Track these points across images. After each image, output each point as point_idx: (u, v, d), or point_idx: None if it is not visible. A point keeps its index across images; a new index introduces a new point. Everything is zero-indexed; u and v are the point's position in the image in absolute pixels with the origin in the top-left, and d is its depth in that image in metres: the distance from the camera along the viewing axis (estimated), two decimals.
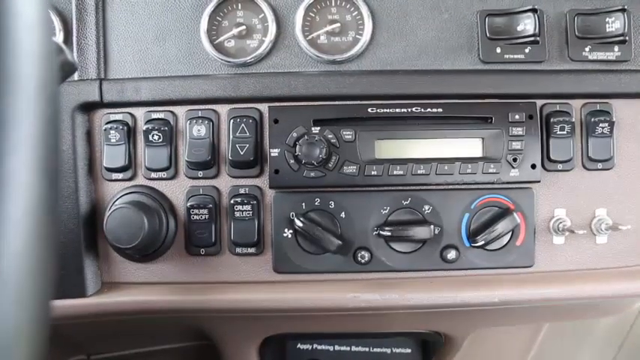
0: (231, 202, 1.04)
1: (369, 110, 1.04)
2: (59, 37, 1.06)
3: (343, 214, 1.04)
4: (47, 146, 0.42)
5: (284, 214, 1.04)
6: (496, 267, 1.06)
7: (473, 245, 1.04)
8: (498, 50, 1.06)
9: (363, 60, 1.07)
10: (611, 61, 1.07)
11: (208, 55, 1.06)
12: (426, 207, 1.05)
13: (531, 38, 1.04)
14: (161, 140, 1.04)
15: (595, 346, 1.54)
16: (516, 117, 1.04)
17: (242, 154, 1.03)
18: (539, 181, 1.05)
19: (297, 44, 1.07)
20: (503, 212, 1.04)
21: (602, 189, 1.08)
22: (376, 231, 1.04)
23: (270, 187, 1.04)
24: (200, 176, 1.06)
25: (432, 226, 1.03)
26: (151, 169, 1.06)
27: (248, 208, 1.04)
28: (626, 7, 1.04)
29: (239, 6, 1.08)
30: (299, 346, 1.38)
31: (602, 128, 1.05)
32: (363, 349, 1.38)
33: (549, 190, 1.08)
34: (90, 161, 1.07)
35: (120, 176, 1.06)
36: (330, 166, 1.02)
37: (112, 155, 1.05)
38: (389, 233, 1.02)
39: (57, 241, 0.46)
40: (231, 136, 1.04)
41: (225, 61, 1.06)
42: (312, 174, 1.02)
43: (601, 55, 1.07)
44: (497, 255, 1.06)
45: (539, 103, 1.06)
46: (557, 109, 1.07)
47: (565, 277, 1.08)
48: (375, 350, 1.38)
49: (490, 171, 1.03)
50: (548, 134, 1.05)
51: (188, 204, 1.05)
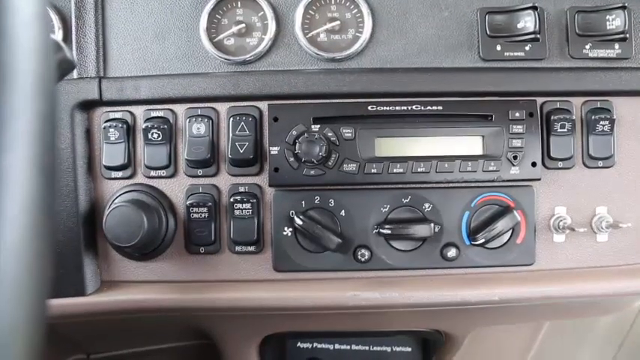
0: (231, 200, 1.04)
1: (369, 108, 1.03)
2: (58, 35, 1.06)
3: (343, 212, 1.04)
4: (44, 143, 0.42)
5: (284, 213, 1.04)
6: (496, 265, 1.06)
7: (473, 243, 1.04)
8: (498, 48, 1.06)
9: (362, 58, 1.06)
10: (611, 59, 1.06)
11: (208, 53, 1.06)
12: (426, 205, 1.04)
13: (532, 36, 1.04)
14: (160, 138, 1.04)
15: (595, 344, 1.54)
16: (517, 115, 1.03)
17: (242, 152, 1.03)
18: (540, 179, 1.05)
19: (296, 42, 1.06)
20: (504, 210, 1.04)
21: (602, 187, 1.08)
22: (376, 229, 1.03)
23: (269, 186, 1.04)
24: (200, 174, 1.06)
25: (432, 224, 1.03)
26: (151, 168, 1.05)
27: (248, 206, 1.04)
28: (626, 4, 1.03)
29: (238, 4, 1.07)
30: (299, 344, 1.38)
31: (603, 126, 1.05)
32: (363, 348, 1.38)
33: (550, 188, 1.07)
34: (89, 159, 1.07)
35: (119, 174, 1.06)
36: (329, 164, 1.02)
37: (111, 153, 1.05)
38: (389, 231, 1.02)
39: (54, 239, 0.45)
40: (230, 134, 1.03)
41: (225, 59, 1.06)
42: (312, 172, 1.02)
43: (601, 52, 1.06)
44: (497, 253, 1.05)
45: (540, 100, 1.06)
46: (558, 106, 1.06)
47: (565, 275, 1.07)
48: (375, 349, 1.38)
49: (490, 169, 1.03)
50: (549, 132, 1.05)
51: (188, 202, 1.04)
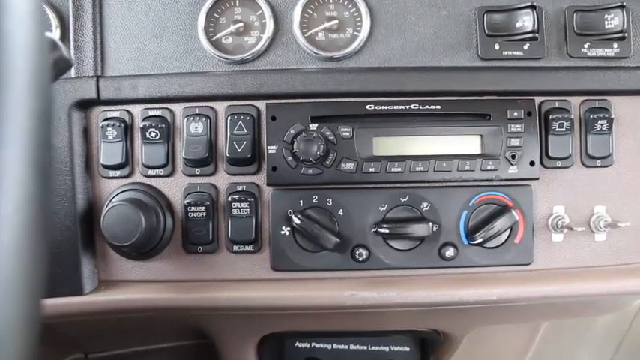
0: (229, 199, 1.04)
1: (367, 107, 1.03)
2: (56, 34, 1.05)
3: (341, 211, 1.04)
4: (39, 141, 0.42)
5: (282, 212, 1.04)
6: (494, 264, 1.06)
7: (471, 243, 1.04)
8: (497, 47, 1.06)
9: (361, 57, 1.06)
10: (609, 58, 1.06)
11: (206, 52, 1.06)
12: (424, 204, 1.04)
13: (530, 35, 1.03)
14: (158, 137, 1.04)
15: (594, 344, 1.54)
16: (515, 114, 1.03)
17: (239, 151, 1.03)
18: (538, 179, 1.05)
19: (294, 41, 1.06)
20: (502, 209, 1.04)
21: (600, 186, 1.07)
22: (374, 228, 1.03)
23: (267, 185, 1.04)
24: (197, 174, 1.05)
25: (430, 224, 1.03)
26: (148, 167, 1.05)
27: (245, 205, 1.03)
28: (624, 3, 1.03)
29: (237, 3, 1.07)
30: (297, 344, 1.37)
31: (601, 125, 1.05)
32: (362, 348, 1.37)
33: (548, 187, 1.07)
34: (87, 159, 1.06)
35: (117, 174, 1.06)
36: (327, 163, 1.02)
37: (109, 152, 1.05)
38: (387, 231, 1.02)
39: (49, 238, 0.45)
40: (228, 134, 1.03)
41: (223, 58, 1.06)
42: (310, 171, 1.02)
43: (600, 51, 1.06)
44: (495, 252, 1.05)
45: (538, 100, 1.06)
46: (556, 105, 1.06)
47: (563, 275, 1.07)
48: (373, 348, 1.37)
49: (488, 168, 1.03)
50: (547, 131, 1.05)
51: (185, 201, 1.04)
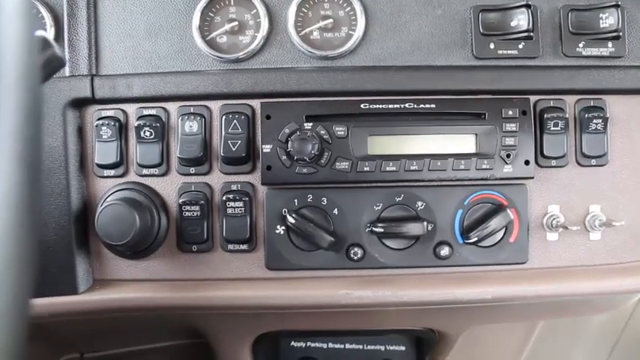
0: (223, 198, 1.03)
1: (362, 106, 1.03)
2: (50, 33, 1.05)
3: (336, 210, 1.04)
4: (28, 139, 0.42)
5: (276, 211, 1.04)
6: (489, 263, 1.06)
7: (466, 242, 1.04)
8: (492, 46, 1.06)
9: (355, 56, 1.06)
10: (604, 57, 1.06)
11: (200, 51, 1.06)
12: (419, 203, 1.04)
13: (525, 34, 1.03)
14: (153, 136, 1.03)
15: (589, 344, 1.54)
16: (510, 113, 1.03)
17: (234, 150, 1.02)
18: (533, 177, 1.05)
19: (289, 40, 1.06)
20: (497, 208, 1.04)
21: (595, 185, 1.07)
22: (369, 227, 1.03)
23: (262, 184, 1.04)
24: (192, 173, 1.05)
25: (425, 223, 1.02)
26: (143, 166, 1.05)
27: (240, 204, 1.03)
28: (619, 2, 1.03)
29: (231, 2, 1.07)
30: (292, 343, 1.37)
31: (596, 124, 1.05)
32: (357, 347, 1.37)
33: (543, 186, 1.07)
34: (81, 158, 1.06)
35: (111, 173, 1.06)
36: (322, 162, 1.01)
37: (103, 152, 1.04)
38: (382, 230, 1.02)
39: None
40: (223, 133, 1.03)
41: (218, 57, 1.05)
42: (305, 170, 1.01)
43: (595, 50, 1.06)
44: (490, 251, 1.05)
45: (533, 99, 1.06)
46: (551, 104, 1.06)
47: (559, 274, 1.07)
48: (368, 348, 1.37)
49: (483, 167, 1.02)
50: (542, 130, 1.05)
51: (180, 200, 1.04)
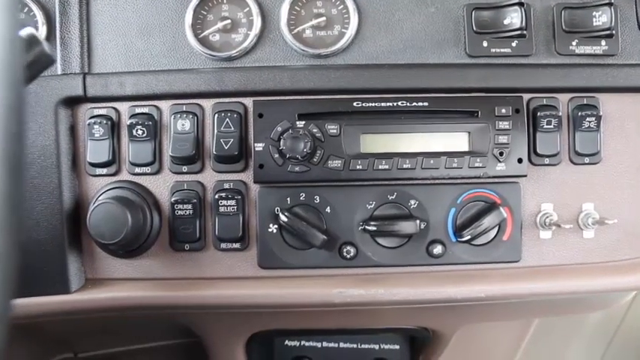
0: (216, 197, 1.03)
1: (355, 104, 1.03)
2: (42, 31, 1.05)
3: (328, 208, 1.03)
4: (9, 136, 0.41)
5: (269, 209, 1.03)
6: (482, 262, 1.06)
7: (459, 240, 1.04)
8: (485, 44, 1.05)
9: (348, 54, 1.06)
10: (598, 55, 1.06)
11: (193, 49, 1.06)
12: (412, 202, 1.04)
13: (518, 32, 1.03)
14: (145, 135, 1.03)
15: (584, 342, 1.54)
16: (503, 111, 1.03)
17: (226, 148, 1.02)
18: (526, 176, 1.04)
19: (282, 38, 1.06)
20: (490, 207, 1.04)
21: (588, 183, 1.07)
22: (362, 226, 1.03)
23: (254, 182, 1.03)
24: (184, 171, 1.05)
25: (417, 221, 1.02)
26: (135, 164, 1.05)
27: (232, 203, 1.03)
28: (612, 1, 1.03)
29: (224, 0, 1.07)
30: (286, 342, 1.37)
31: (589, 122, 1.05)
32: (351, 346, 1.37)
33: (536, 184, 1.07)
34: (73, 156, 1.06)
35: (104, 171, 1.05)
36: (314, 160, 1.01)
37: (95, 150, 1.04)
38: (374, 228, 1.02)
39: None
40: (215, 131, 1.03)
41: (210, 55, 1.05)
42: (297, 168, 1.01)
43: (588, 49, 1.06)
44: (483, 250, 1.05)
45: (526, 97, 1.06)
46: (544, 103, 1.06)
47: (552, 272, 1.07)
48: (363, 346, 1.37)
49: (476, 165, 1.02)
50: (535, 128, 1.05)
51: (172, 199, 1.04)
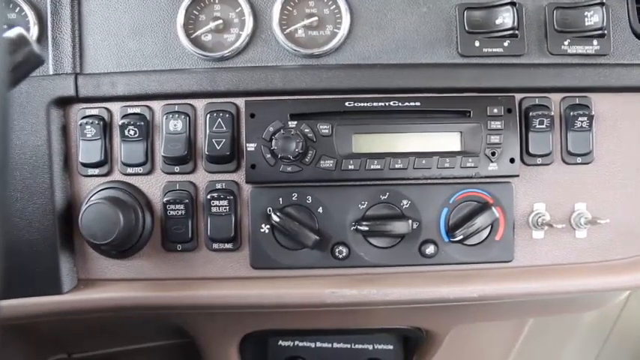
0: (208, 197, 1.03)
1: (347, 104, 1.03)
2: (34, 31, 1.05)
3: (321, 209, 1.03)
4: None
5: (261, 210, 1.03)
6: (475, 262, 1.06)
7: (452, 240, 1.04)
8: (477, 44, 1.05)
9: (340, 54, 1.06)
10: (590, 55, 1.06)
11: (185, 49, 1.05)
12: (404, 202, 1.04)
13: (510, 32, 1.03)
14: (137, 135, 1.03)
15: (579, 341, 1.54)
16: (495, 111, 1.03)
17: (218, 148, 1.02)
18: (518, 176, 1.04)
19: (274, 38, 1.06)
20: (482, 207, 1.04)
21: (581, 183, 1.07)
22: (354, 226, 1.03)
23: (246, 182, 1.03)
24: (176, 171, 1.05)
25: (410, 221, 1.02)
26: (127, 165, 1.05)
27: (225, 203, 1.03)
28: (604, 0, 1.03)
29: (216, 0, 1.07)
30: (280, 342, 1.37)
31: (582, 122, 1.05)
32: (345, 346, 1.37)
33: (528, 184, 1.07)
34: (65, 157, 1.06)
35: (96, 172, 1.05)
36: (306, 160, 1.01)
37: (87, 150, 1.04)
38: (367, 228, 1.02)
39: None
40: (207, 131, 1.03)
41: (202, 55, 1.05)
42: (289, 168, 1.01)
43: (580, 48, 1.06)
44: (476, 250, 1.05)
45: (518, 96, 1.06)
46: (537, 102, 1.06)
47: (545, 272, 1.07)
48: (356, 347, 1.37)
49: (468, 165, 1.02)
50: (527, 128, 1.05)
51: (164, 199, 1.04)
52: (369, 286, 1.04)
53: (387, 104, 1.03)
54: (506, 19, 1.03)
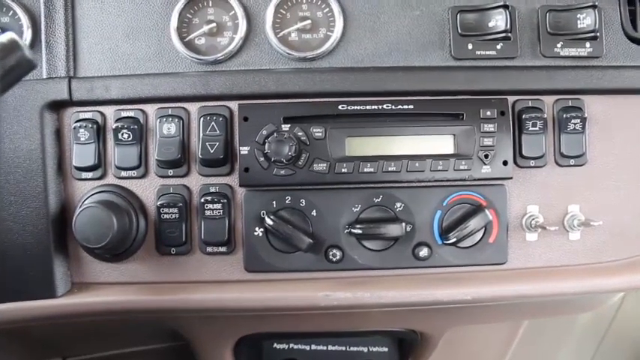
0: (202, 200, 1.03)
1: (340, 107, 1.03)
2: (27, 35, 1.05)
3: (314, 212, 1.03)
4: None
5: (255, 213, 1.03)
6: (469, 264, 1.06)
7: (445, 243, 1.04)
8: (470, 46, 1.06)
9: (333, 57, 1.06)
10: (582, 57, 1.07)
11: (178, 52, 1.05)
12: (398, 204, 1.04)
13: (503, 34, 1.04)
14: (131, 139, 1.03)
15: (574, 344, 1.54)
16: (488, 113, 1.03)
17: (212, 152, 1.02)
18: (512, 178, 1.05)
19: (267, 41, 1.06)
20: (476, 209, 1.04)
21: (574, 185, 1.08)
22: (347, 229, 1.03)
23: (240, 186, 1.03)
24: (170, 175, 1.05)
25: (403, 224, 1.02)
26: (121, 168, 1.05)
27: (218, 206, 1.03)
28: (596, 3, 1.03)
29: (209, 3, 1.07)
30: (275, 345, 1.37)
31: (575, 124, 1.05)
32: (340, 349, 1.37)
33: (522, 186, 1.07)
34: (59, 160, 1.06)
35: (89, 175, 1.05)
36: (300, 163, 1.01)
37: (81, 154, 1.04)
38: (360, 231, 1.02)
39: None
40: (201, 134, 1.03)
41: (196, 58, 1.05)
42: (282, 172, 1.01)
43: (572, 51, 1.07)
44: (469, 252, 1.05)
45: (511, 99, 1.06)
46: (529, 105, 1.06)
47: (538, 274, 1.07)
48: (351, 349, 1.37)
49: (461, 168, 1.02)
50: (520, 130, 1.05)
51: (158, 203, 1.04)
52: (363, 289, 1.04)
53: (380, 107, 1.03)
54: (499, 21, 1.04)
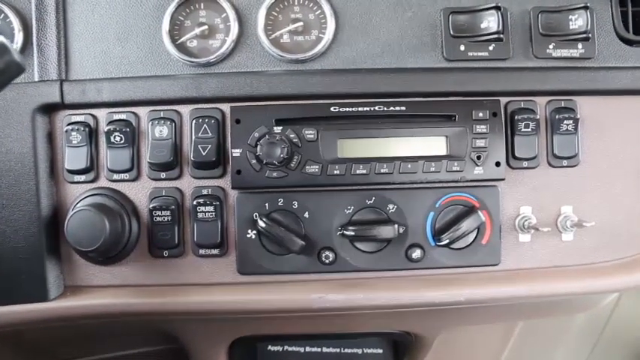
0: (194, 203, 1.03)
1: (332, 109, 1.03)
2: (19, 38, 1.04)
3: (307, 214, 1.03)
4: None
5: (247, 215, 1.03)
6: (462, 266, 1.06)
7: (438, 244, 1.04)
8: (462, 48, 1.06)
9: (325, 59, 1.06)
10: (575, 58, 1.07)
11: (170, 55, 1.05)
12: (390, 206, 1.04)
13: (495, 36, 1.04)
14: (123, 141, 1.03)
15: (570, 344, 1.54)
16: (480, 115, 1.03)
17: (204, 154, 1.02)
18: (504, 179, 1.05)
19: (259, 44, 1.06)
20: (468, 210, 1.04)
21: (567, 186, 1.08)
22: (340, 231, 1.03)
23: (232, 188, 1.03)
24: (163, 177, 1.05)
25: (396, 226, 1.02)
26: (113, 171, 1.05)
27: (211, 209, 1.03)
28: (588, 4, 1.04)
29: (201, 5, 1.07)
30: (269, 347, 1.37)
31: (567, 125, 1.05)
32: (334, 350, 1.37)
33: (514, 187, 1.07)
34: (51, 163, 1.05)
35: (82, 178, 1.05)
36: (292, 165, 1.01)
37: (73, 157, 1.04)
38: (353, 233, 1.02)
39: None
40: (193, 137, 1.03)
41: (188, 61, 1.05)
42: (275, 174, 1.01)
43: (565, 52, 1.07)
44: (462, 254, 1.05)
45: (504, 100, 1.06)
46: (522, 106, 1.07)
47: (531, 275, 1.07)
48: (346, 351, 1.37)
49: (454, 169, 1.02)
50: (513, 131, 1.05)
51: (151, 205, 1.04)
52: (356, 290, 1.04)
53: (372, 109, 1.03)
54: (491, 23, 1.04)
